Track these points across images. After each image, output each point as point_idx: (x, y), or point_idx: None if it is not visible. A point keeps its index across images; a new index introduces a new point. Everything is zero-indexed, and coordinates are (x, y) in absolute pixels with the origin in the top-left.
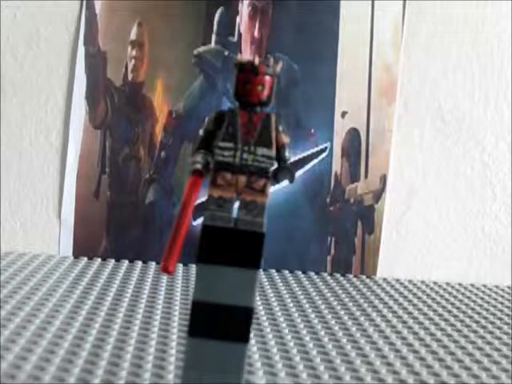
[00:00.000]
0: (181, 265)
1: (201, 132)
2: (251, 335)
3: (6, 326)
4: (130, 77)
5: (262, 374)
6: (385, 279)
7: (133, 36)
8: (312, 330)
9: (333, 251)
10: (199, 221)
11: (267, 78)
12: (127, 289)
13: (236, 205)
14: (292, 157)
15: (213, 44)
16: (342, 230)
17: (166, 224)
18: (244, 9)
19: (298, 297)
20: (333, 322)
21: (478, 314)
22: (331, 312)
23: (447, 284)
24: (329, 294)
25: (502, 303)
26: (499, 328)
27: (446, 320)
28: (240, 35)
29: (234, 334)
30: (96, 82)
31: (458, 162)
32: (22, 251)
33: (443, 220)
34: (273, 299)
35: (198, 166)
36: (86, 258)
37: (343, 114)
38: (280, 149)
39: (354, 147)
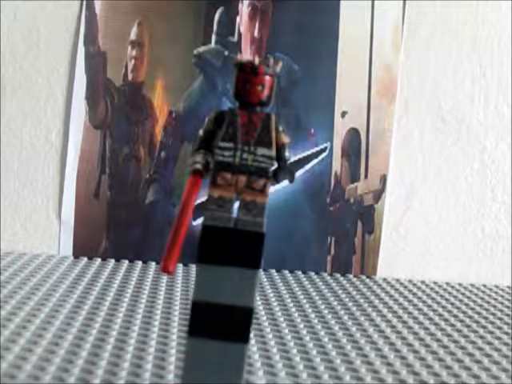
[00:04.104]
0: (181, 265)
1: (201, 132)
2: (251, 335)
3: (6, 325)
4: (130, 77)
5: (262, 373)
6: (385, 279)
7: (133, 36)
8: (312, 330)
9: (333, 251)
10: (199, 221)
11: (267, 77)
12: (127, 289)
13: (236, 205)
14: (292, 157)
15: (213, 44)
16: (342, 230)
17: (165, 224)
18: (244, 9)
19: (298, 297)
20: (333, 321)
21: (478, 314)
22: (331, 312)
23: (447, 284)
24: (329, 294)
25: (501, 303)
26: (499, 328)
27: (446, 320)
28: (240, 35)
29: (234, 334)
30: (96, 82)
31: (458, 162)
32: (22, 251)
33: (443, 220)
34: (273, 299)
35: (198, 166)
36: (85, 258)
37: (343, 114)
38: (280, 149)
39: (354, 147)
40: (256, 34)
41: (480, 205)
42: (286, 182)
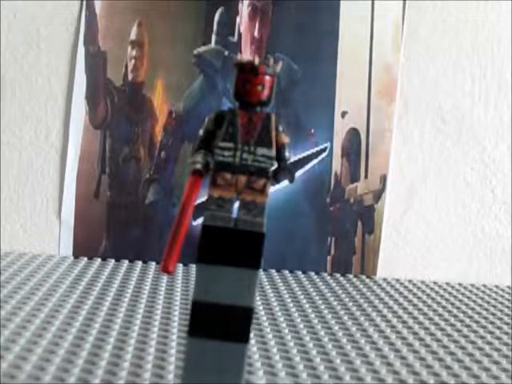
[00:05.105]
0: (181, 265)
1: (201, 132)
2: (251, 335)
3: (6, 326)
4: (130, 77)
5: (262, 373)
6: (385, 279)
7: (133, 36)
8: (312, 329)
9: (333, 251)
10: (199, 221)
11: (267, 77)
12: (127, 289)
13: (236, 205)
14: (292, 157)
15: (213, 44)
16: (342, 230)
17: (165, 224)
18: (244, 9)
19: (298, 297)
20: (333, 321)
21: (478, 314)
22: (331, 312)
23: (447, 284)
24: (329, 294)
25: (501, 303)
26: (499, 328)
27: (445, 320)
28: (240, 35)
29: (234, 334)
30: (96, 82)
31: (458, 162)
32: (22, 251)
33: (443, 220)
34: (273, 299)
35: (198, 166)
36: (85, 258)
37: (343, 114)
38: (280, 149)
39: (354, 147)
40: (256, 34)
41: (480, 205)
42: (286, 182)
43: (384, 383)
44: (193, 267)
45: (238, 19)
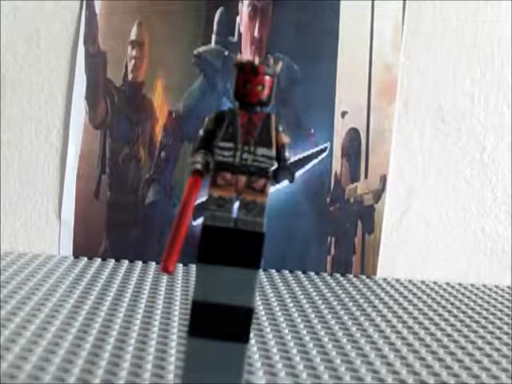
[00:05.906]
0: (181, 265)
1: (201, 132)
2: (251, 335)
3: (6, 326)
4: (130, 77)
5: (261, 374)
6: (385, 279)
7: (133, 36)
8: (312, 329)
9: (333, 251)
10: (199, 221)
11: (267, 77)
12: (127, 289)
13: (236, 205)
14: (292, 157)
15: (213, 44)
16: (342, 230)
17: (165, 224)
18: (244, 9)
19: (298, 297)
20: (333, 321)
21: (478, 313)
22: (331, 312)
23: (447, 284)
24: (329, 294)
25: (501, 303)
26: (499, 328)
27: (446, 320)
28: (240, 35)
29: (234, 334)
30: (96, 82)
31: (458, 162)
32: (22, 251)
33: (443, 220)
34: (273, 299)
35: (198, 166)
36: (86, 258)
37: (343, 114)
38: (280, 149)
39: (354, 147)
40: (256, 34)
41: (480, 205)
42: (286, 182)
43: (384, 383)
44: (193, 267)
45: (238, 19)
